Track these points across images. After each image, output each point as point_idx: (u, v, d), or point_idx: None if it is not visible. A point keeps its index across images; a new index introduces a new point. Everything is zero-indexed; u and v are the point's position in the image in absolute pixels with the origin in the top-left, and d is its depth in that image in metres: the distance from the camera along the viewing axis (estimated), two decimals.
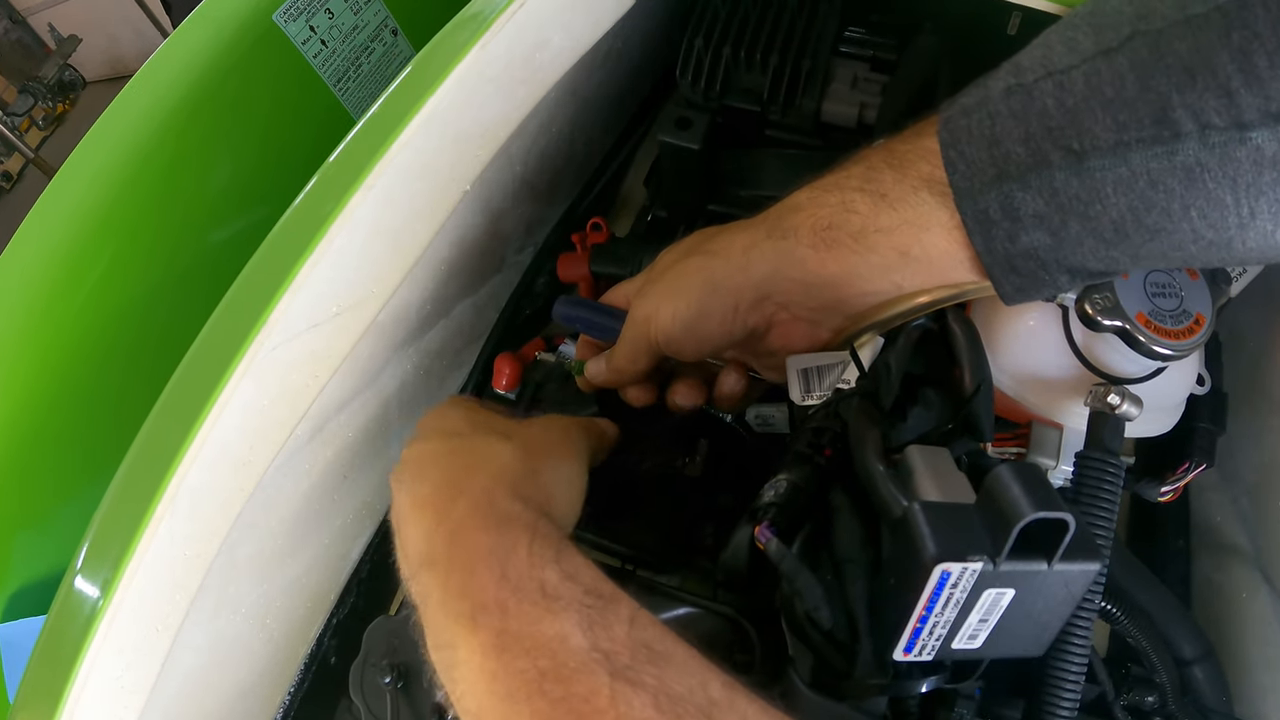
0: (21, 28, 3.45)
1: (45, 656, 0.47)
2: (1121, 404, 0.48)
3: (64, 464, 0.84)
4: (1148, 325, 0.48)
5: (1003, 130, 0.42)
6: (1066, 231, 0.42)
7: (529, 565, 0.41)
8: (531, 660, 0.37)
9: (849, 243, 0.49)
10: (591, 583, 0.41)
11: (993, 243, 0.44)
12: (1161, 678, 0.52)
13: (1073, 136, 0.40)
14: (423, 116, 0.50)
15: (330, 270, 0.50)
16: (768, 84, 0.71)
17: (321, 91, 1.01)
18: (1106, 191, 0.40)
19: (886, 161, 0.48)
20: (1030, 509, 0.37)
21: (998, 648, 0.42)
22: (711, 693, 0.37)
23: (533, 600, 0.39)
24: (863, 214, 0.48)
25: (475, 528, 0.43)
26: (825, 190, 0.50)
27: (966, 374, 0.50)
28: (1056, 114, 0.40)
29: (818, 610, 0.44)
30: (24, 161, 3.22)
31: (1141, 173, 0.39)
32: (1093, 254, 0.42)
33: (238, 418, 0.49)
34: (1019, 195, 0.42)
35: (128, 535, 0.46)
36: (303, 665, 0.71)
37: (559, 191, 0.85)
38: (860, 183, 0.48)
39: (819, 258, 0.50)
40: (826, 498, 0.49)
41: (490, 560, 0.41)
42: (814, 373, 0.54)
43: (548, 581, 0.40)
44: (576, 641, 0.37)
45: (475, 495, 0.45)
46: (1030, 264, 0.44)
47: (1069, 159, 0.40)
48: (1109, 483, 0.47)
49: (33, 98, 3.25)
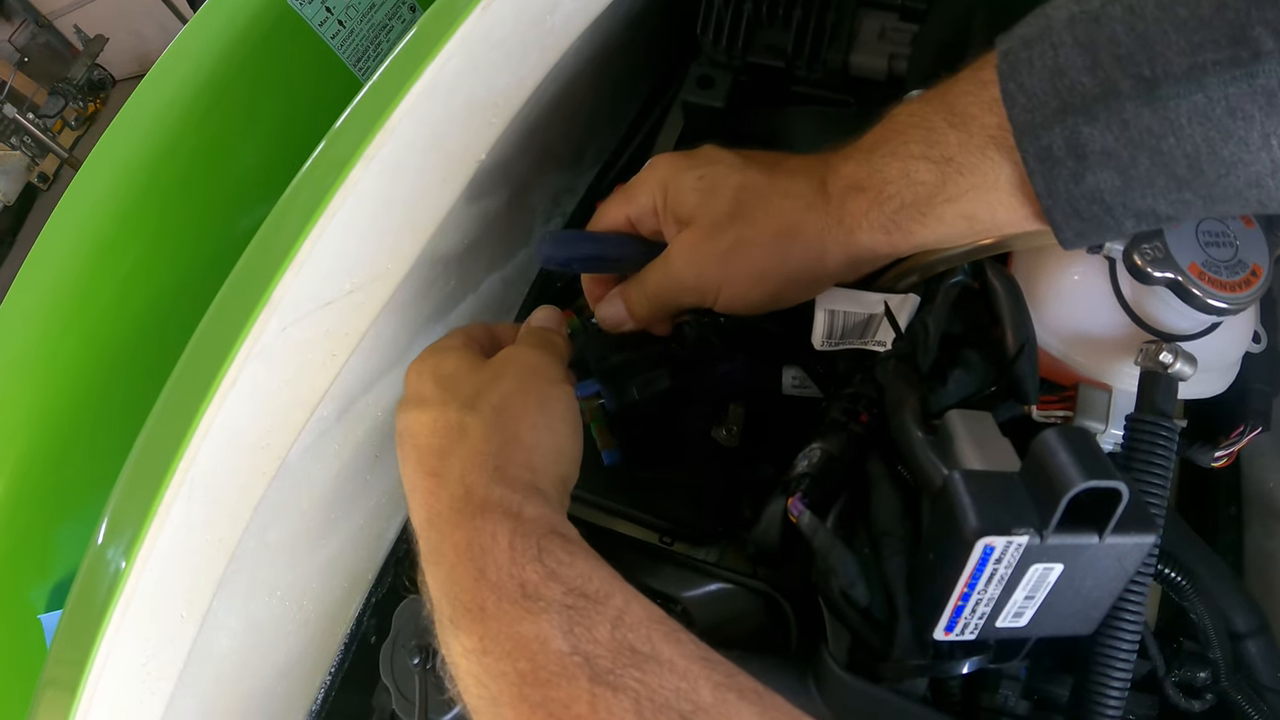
0: (48, 31, 3.50)
1: (62, 645, 0.47)
2: (1174, 363, 0.45)
3: (101, 455, 0.85)
4: (1201, 277, 0.45)
5: (1067, 60, 0.39)
6: (1136, 169, 0.39)
7: (509, 563, 0.39)
8: (511, 663, 0.36)
9: (917, 218, 0.46)
10: (576, 580, 0.39)
11: (1055, 184, 0.41)
12: (1215, 654, 0.50)
13: (1144, 62, 0.37)
14: (423, 84, 0.48)
15: (337, 245, 0.48)
16: (792, 39, 0.69)
17: (342, 72, 0.99)
18: (1181, 122, 0.37)
19: (948, 120, 0.44)
20: (1080, 477, 0.35)
21: (1044, 626, 0.40)
22: (700, 697, 0.35)
23: (512, 600, 0.38)
24: (929, 184, 0.45)
25: (453, 524, 0.42)
26: (885, 162, 0.47)
27: (1009, 333, 0.48)
28: (1126, 40, 0.37)
29: (853, 587, 0.42)
30: (59, 162, 3.28)
31: (1219, 99, 0.36)
32: (1163, 195, 0.39)
33: (249, 400, 0.48)
34: (1085, 130, 0.39)
35: (138, 522, 0.45)
36: (342, 645, 0.71)
37: (585, 161, 0.83)
38: (923, 149, 0.45)
39: (890, 241, 0.48)
40: (863, 467, 0.47)
41: (468, 559, 0.40)
42: (841, 316, 0.52)
43: (528, 581, 0.39)
44: (556, 644, 0.36)
45: (452, 485, 0.44)
46: (1095, 207, 0.41)
47: (1140, 87, 0.37)
48: (1162, 448, 0.45)
49: (63, 99, 3.29)
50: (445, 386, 0.49)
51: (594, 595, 0.38)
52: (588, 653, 0.36)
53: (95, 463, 0.85)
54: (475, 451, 0.45)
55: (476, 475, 0.43)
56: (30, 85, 3.35)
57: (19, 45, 3.38)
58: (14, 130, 3.14)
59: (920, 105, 0.46)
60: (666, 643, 0.37)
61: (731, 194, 0.52)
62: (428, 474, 0.46)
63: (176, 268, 0.87)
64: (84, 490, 0.84)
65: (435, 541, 0.42)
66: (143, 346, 0.86)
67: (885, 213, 0.47)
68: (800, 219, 0.50)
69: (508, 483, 0.43)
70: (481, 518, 0.41)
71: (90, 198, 0.86)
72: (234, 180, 0.90)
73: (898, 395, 0.46)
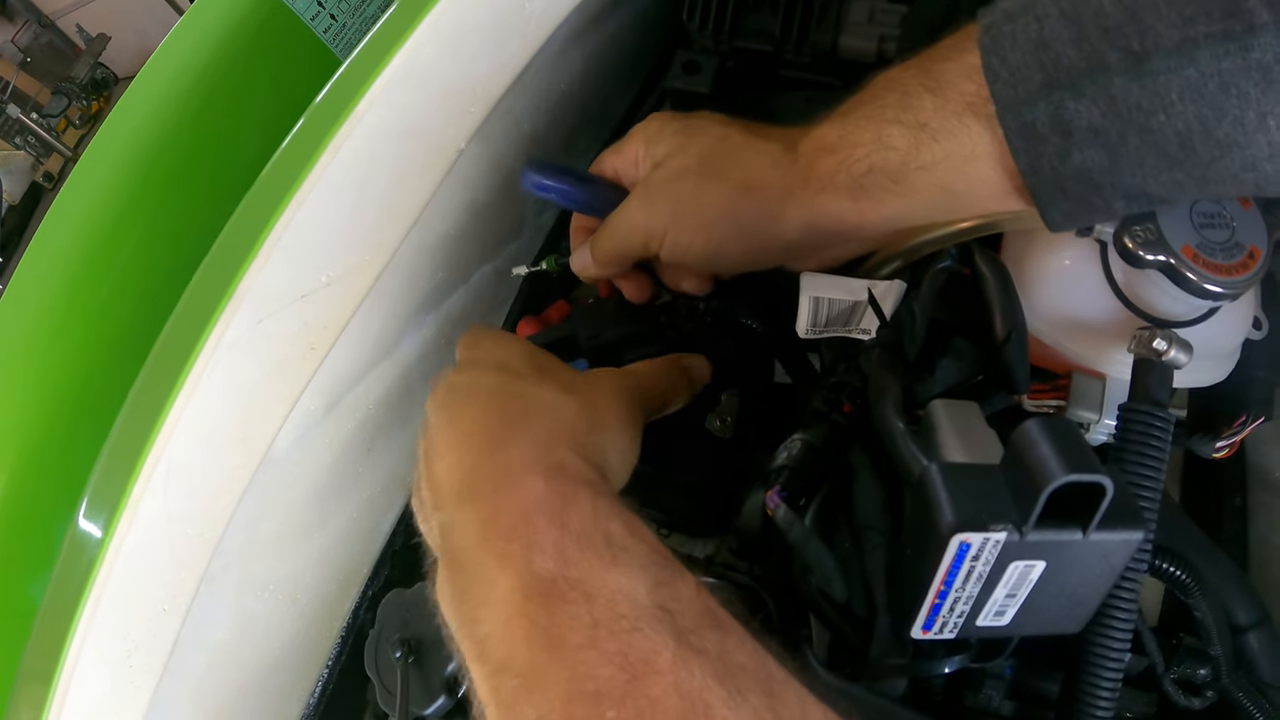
0: (51, 31, 3.51)
1: (38, 637, 0.47)
2: (1168, 349, 0.43)
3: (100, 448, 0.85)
4: (1195, 260, 0.44)
5: (1052, 32, 0.37)
6: (1125, 147, 0.37)
7: (593, 517, 0.37)
8: (588, 608, 0.34)
9: (888, 185, 0.45)
10: (656, 543, 0.38)
11: (1040, 161, 0.39)
12: (1216, 650, 0.48)
13: (1132, 35, 0.35)
14: (394, 70, 0.47)
15: (309, 236, 0.48)
16: (779, 22, 0.68)
17: (334, 66, 0.99)
18: (1171, 98, 0.35)
19: (924, 85, 0.43)
20: (1061, 471, 0.34)
21: (1029, 625, 0.39)
22: (770, 669, 0.33)
23: (597, 551, 0.36)
24: (901, 149, 0.44)
25: (530, 472, 0.39)
26: (858, 125, 0.46)
27: (998, 319, 0.46)
28: (1113, 11, 0.36)
29: (829, 583, 0.41)
30: (63, 161, 3.30)
31: (1211, 74, 0.34)
32: (1153, 175, 0.38)
33: (223, 393, 0.48)
34: (1071, 105, 0.37)
35: (109, 515, 0.45)
36: (339, 639, 0.72)
37: (576, 151, 0.82)
38: (896, 113, 0.44)
39: (858, 209, 0.46)
40: (846, 458, 0.46)
41: (548, 508, 0.38)
42: (825, 303, 0.50)
43: (614, 534, 0.37)
44: (640, 596, 0.34)
45: (532, 439, 0.41)
46: (1082, 187, 0.39)
47: (1128, 61, 0.36)
48: (1156, 438, 0.43)
49: (67, 98, 3.30)
50: (541, 367, 0.49)
51: (673, 560, 0.37)
52: (672, 609, 0.34)
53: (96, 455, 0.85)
54: (563, 423, 0.43)
55: (560, 441, 0.42)
56: (34, 85, 3.37)
57: (22, 45, 3.40)
58: (18, 130, 3.17)
59: (899, 71, 0.45)
60: (733, 619, 0.35)
61: (705, 144, 0.52)
62: (503, 423, 0.43)
63: (171, 261, 0.87)
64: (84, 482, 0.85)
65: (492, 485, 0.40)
66: (140, 338, 0.85)
67: (853, 175, 0.45)
68: (764, 175, 0.49)
69: (588, 461, 0.42)
70: (564, 478, 0.39)
71: (86, 193, 0.87)
72: (229, 173, 0.90)
73: (881, 384, 0.45)
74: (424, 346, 0.71)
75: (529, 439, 0.41)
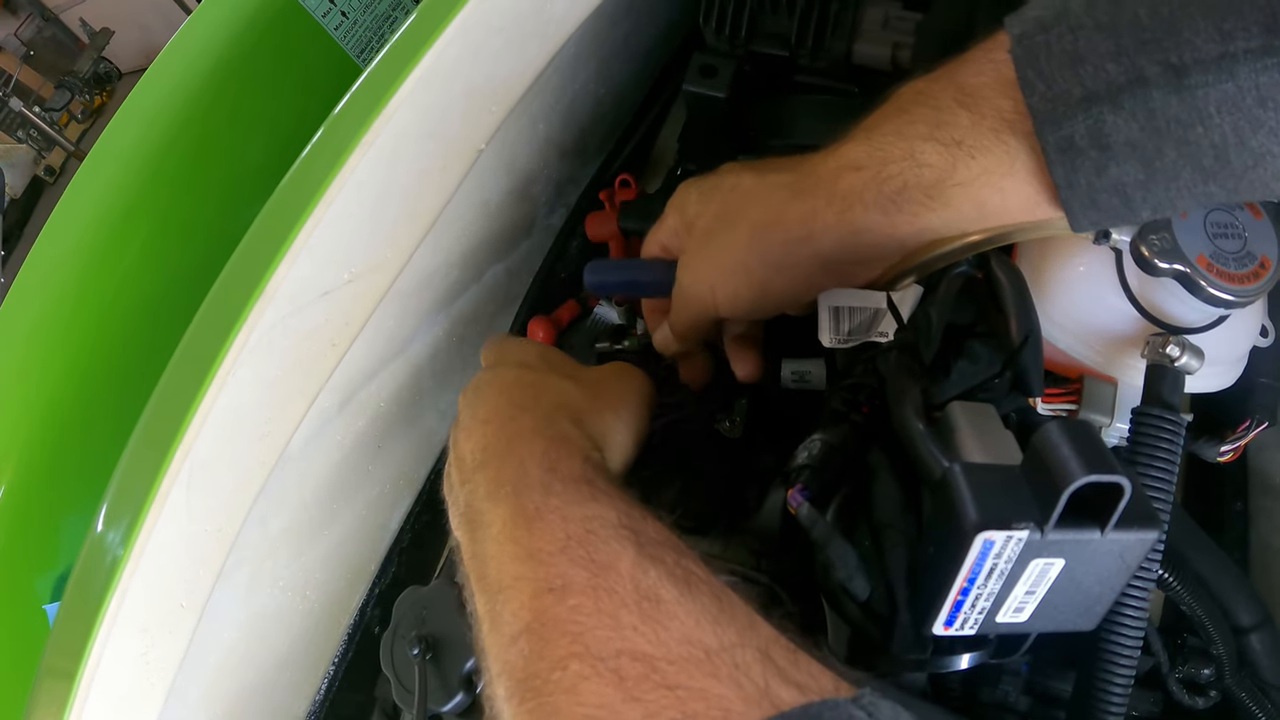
0: (54, 25, 3.50)
1: (60, 634, 0.47)
2: (1181, 356, 0.44)
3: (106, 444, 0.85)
4: (1209, 268, 0.45)
5: (1088, 46, 0.37)
6: (1161, 160, 0.37)
7: (581, 467, 0.42)
8: (563, 527, 0.38)
9: (922, 200, 0.44)
10: (635, 498, 0.41)
11: (1076, 175, 0.39)
12: (1218, 650, 0.49)
13: (1171, 48, 0.36)
14: (422, 71, 0.48)
15: (335, 235, 0.48)
16: (795, 27, 0.68)
17: (345, 63, 1.00)
18: (1210, 111, 0.36)
19: (957, 100, 0.42)
20: (1081, 471, 0.34)
21: (1046, 622, 0.39)
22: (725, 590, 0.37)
23: (578, 488, 0.40)
24: (936, 167, 0.43)
25: (533, 435, 0.44)
26: (887, 141, 0.45)
27: (1013, 324, 0.47)
28: (1150, 24, 0.36)
29: (851, 580, 0.41)
30: (65, 155, 3.29)
31: (1250, 88, 0.35)
32: (1188, 189, 0.38)
33: (248, 390, 0.48)
34: (1110, 119, 0.37)
35: (135, 511, 0.45)
36: (346, 636, 0.72)
37: (589, 151, 0.83)
38: (929, 129, 0.43)
39: (889, 222, 0.46)
40: (865, 458, 0.47)
41: (542, 459, 0.42)
42: (846, 313, 0.51)
43: (595, 481, 0.41)
44: (611, 519, 0.38)
45: (537, 416, 0.46)
46: (1114, 200, 0.39)
47: (1168, 75, 0.36)
48: (1168, 441, 0.44)
49: (70, 92, 3.30)
50: (552, 361, 0.54)
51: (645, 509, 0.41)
52: (637, 529, 0.38)
53: (100, 452, 0.85)
54: (566, 402, 0.48)
55: (563, 418, 0.47)
56: (36, 79, 3.36)
57: (25, 39, 3.39)
58: (20, 124, 3.16)
59: (927, 84, 0.44)
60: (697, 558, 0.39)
61: (722, 199, 0.53)
62: (514, 405, 0.48)
63: (180, 259, 0.87)
64: (89, 480, 0.85)
65: (502, 449, 0.44)
66: (147, 337, 0.86)
67: (885, 193, 0.45)
68: (780, 209, 0.49)
69: (586, 435, 0.46)
70: (562, 441, 0.44)
71: (94, 189, 0.86)
72: (237, 171, 0.90)
73: (899, 386, 0.45)
74: (435, 345, 0.72)
75: (535, 415, 0.46)
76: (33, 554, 0.81)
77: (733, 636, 0.33)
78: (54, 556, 0.82)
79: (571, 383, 0.50)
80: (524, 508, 0.39)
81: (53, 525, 0.83)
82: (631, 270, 0.63)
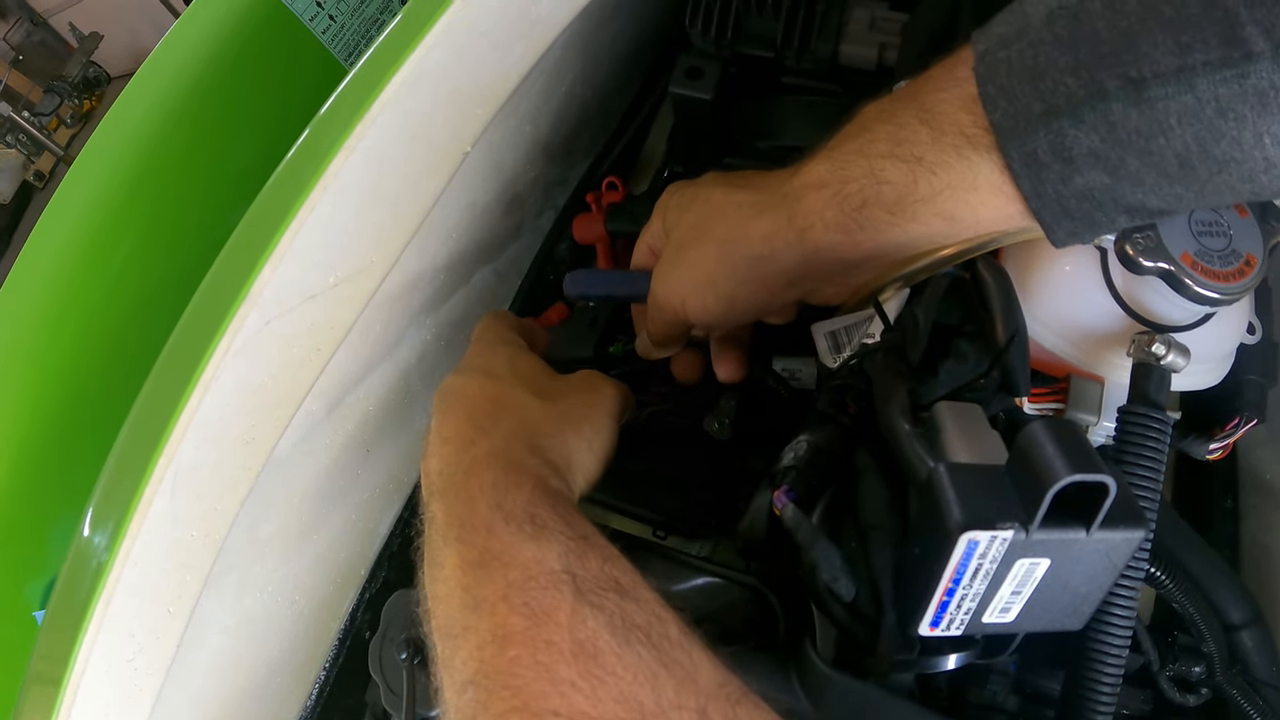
0: (43, 29, 3.47)
1: (46, 640, 0.47)
2: (1167, 354, 0.44)
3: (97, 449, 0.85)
4: (1194, 266, 0.45)
5: (1048, 60, 0.38)
6: (1125, 168, 0.38)
7: (527, 502, 0.42)
8: (504, 574, 0.39)
9: (885, 217, 0.45)
10: (581, 528, 0.42)
11: (1043, 186, 0.40)
12: (1209, 647, 0.49)
13: (1130, 62, 0.36)
14: (406, 74, 0.47)
15: (319, 238, 0.48)
16: (781, 28, 0.68)
17: (333, 67, 0.99)
18: (1170, 123, 0.36)
19: (918, 117, 0.43)
20: (1066, 471, 0.34)
21: (1032, 621, 0.39)
22: (669, 631, 0.37)
23: (519, 525, 0.41)
24: (897, 184, 0.44)
25: (486, 467, 0.45)
26: (848, 160, 0.46)
27: (999, 324, 0.47)
28: (1109, 38, 0.36)
29: (837, 581, 0.41)
30: (55, 160, 3.27)
31: (1209, 100, 0.35)
32: (1154, 191, 0.38)
33: (232, 395, 0.48)
34: (1071, 132, 0.38)
35: (120, 517, 0.45)
36: (336, 641, 0.71)
37: (577, 153, 0.82)
38: (889, 146, 0.44)
39: (852, 241, 0.46)
40: (851, 460, 0.47)
41: (491, 493, 0.43)
42: (843, 333, 0.52)
43: (538, 515, 0.42)
44: (551, 563, 0.39)
45: (495, 440, 0.47)
46: (1085, 205, 0.40)
47: (1127, 88, 0.36)
48: (1154, 439, 0.44)
49: (59, 97, 3.27)
50: (520, 371, 0.54)
51: (593, 539, 0.41)
52: (577, 574, 0.38)
53: (89, 457, 0.84)
54: (527, 423, 0.49)
55: (520, 443, 0.47)
56: (25, 83, 3.34)
57: (14, 43, 3.37)
58: (9, 128, 3.13)
59: (890, 102, 0.45)
60: (646, 590, 0.39)
61: (696, 211, 0.54)
62: (474, 426, 0.48)
63: (168, 263, 0.87)
64: (79, 485, 0.84)
65: (459, 479, 0.45)
66: (135, 342, 0.85)
67: (845, 211, 0.46)
68: (746, 226, 0.50)
69: (543, 460, 0.47)
70: (514, 471, 0.45)
71: (81, 194, 0.86)
72: (226, 175, 0.90)
73: (886, 387, 0.46)
74: (423, 348, 0.72)
75: (492, 439, 0.47)
76: (22, 560, 0.81)
77: (670, 695, 0.34)
78: (43, 562, 0.82)
79: (536, 400, 0.51)
80: (468, 554, 0.40)
81: (42, 531, 0.82)
82: (610, 282, 0.64)
